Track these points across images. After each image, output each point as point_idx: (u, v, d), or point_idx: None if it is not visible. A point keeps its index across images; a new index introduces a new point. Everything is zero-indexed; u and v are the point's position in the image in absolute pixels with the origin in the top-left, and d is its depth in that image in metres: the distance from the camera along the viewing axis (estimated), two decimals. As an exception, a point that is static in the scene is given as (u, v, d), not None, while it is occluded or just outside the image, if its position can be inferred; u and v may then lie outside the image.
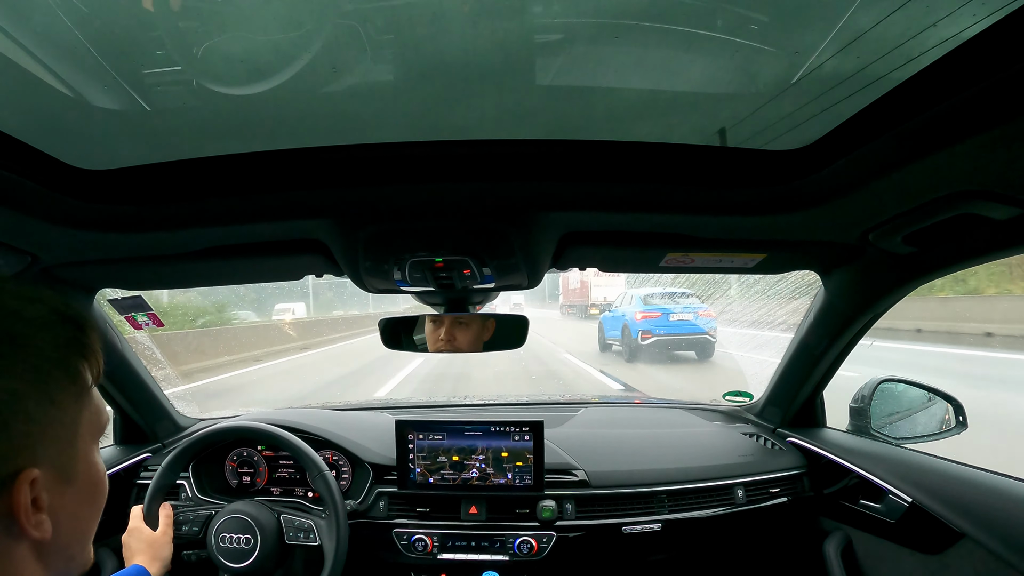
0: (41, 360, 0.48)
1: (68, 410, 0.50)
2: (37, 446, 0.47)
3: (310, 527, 1.35)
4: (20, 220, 0.85)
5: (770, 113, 0.78)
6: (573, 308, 26.15)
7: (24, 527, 0.46)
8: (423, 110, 0.79)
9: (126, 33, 0.64)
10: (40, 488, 0.47)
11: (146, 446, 1.63)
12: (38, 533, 0.47)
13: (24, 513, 0.46)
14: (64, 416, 0.50)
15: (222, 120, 0.81)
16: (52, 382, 0.49)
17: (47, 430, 0.48)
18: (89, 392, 0.53)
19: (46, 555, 0.50)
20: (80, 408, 0.52)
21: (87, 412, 0.53)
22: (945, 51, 0.58)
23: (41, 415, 0.48)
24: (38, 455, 0.47)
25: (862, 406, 1.53)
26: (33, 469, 0.46)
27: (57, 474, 0.49)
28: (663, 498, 1.46)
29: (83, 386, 0.52)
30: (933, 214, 0.83)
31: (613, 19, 0.65)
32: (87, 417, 0.53)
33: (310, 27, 0.63)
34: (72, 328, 0.51)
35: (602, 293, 19.93)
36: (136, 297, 1.36)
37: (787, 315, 7.08)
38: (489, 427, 1.47)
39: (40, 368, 0.48)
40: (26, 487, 0.46)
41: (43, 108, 0.73)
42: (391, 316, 1.38)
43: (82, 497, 0.53)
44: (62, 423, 0.50)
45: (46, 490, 0.48)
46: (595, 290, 20.79)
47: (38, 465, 0.47)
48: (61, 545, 0.51)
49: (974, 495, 1.16)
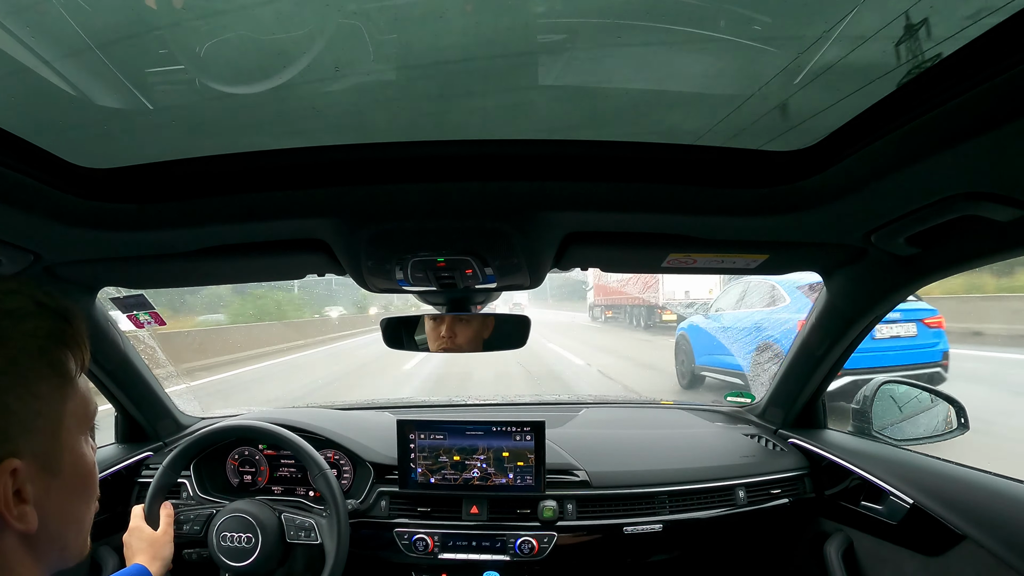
0: (20, 352, 0.48)
1: (51, 401, 0.50)
2: (18, 438, 0.47)
3: (311, 526, 1.35)
4: (23, 218, 0.85)
5: (773, 113, 0.78)
6: (617, 312, 18.25)
7: (7, 518, 0.46)
8: (426, 109, 0.79)
9: (129, 32, 0.64)
10: (23, 480, 0.47)
11: (147, 445, 1.63)
12: (21, 525, 0.47)
13: (5, 504, 0.46)
14: (47, 408, 0.50)
15: (225, 119, 0.81)
16: (32, 374, 0.49)
17: (28, 422, 0.48)
18: (73, 383, 0.53)
19: (36, 547, 0.50)
20: (64, 399, 0.52)
21: (72, 403, 0.52)
22: (948, 52, 0.58)
23: (20, 407, 0.48)
24: (19, 447, 0.47)
25: (864, 407, 1.53)
26: (13, 460, 0.46)
27: (41, 466, 0.49)
28: (664, 499, 1.46)
29: (67, 377, 0.52)
30: (936, 215, 0.83)
31: (615, 19, 0.65)
32: (72, 408, 0.52)
33: (313, 26, 0.63)
34: (55, 319, 0.51)
35: (682, 286, 12.85)
36: (138, 295, 1.36)
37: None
38: (490, 427, 1.47)
39: (19, 360, 0.48)
40: (6, 478, 0.46)
41: (46, 107, 0.73)
42: (392, 316, 1.38)
43: (70, 489, 0.53)
44: (44, 415, 0.50)
45: (30, 482, 0.48)
46: (670, 282, 12.96)
47: (20, 457, 0.47)
48: (51, 536, 0.51)
49: (976, 497, 1.16)
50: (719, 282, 9.92)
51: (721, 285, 9.02)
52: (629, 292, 15.45)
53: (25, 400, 0.48)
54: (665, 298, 13.05)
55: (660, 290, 13.10)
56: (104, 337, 1.39)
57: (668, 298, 12.96)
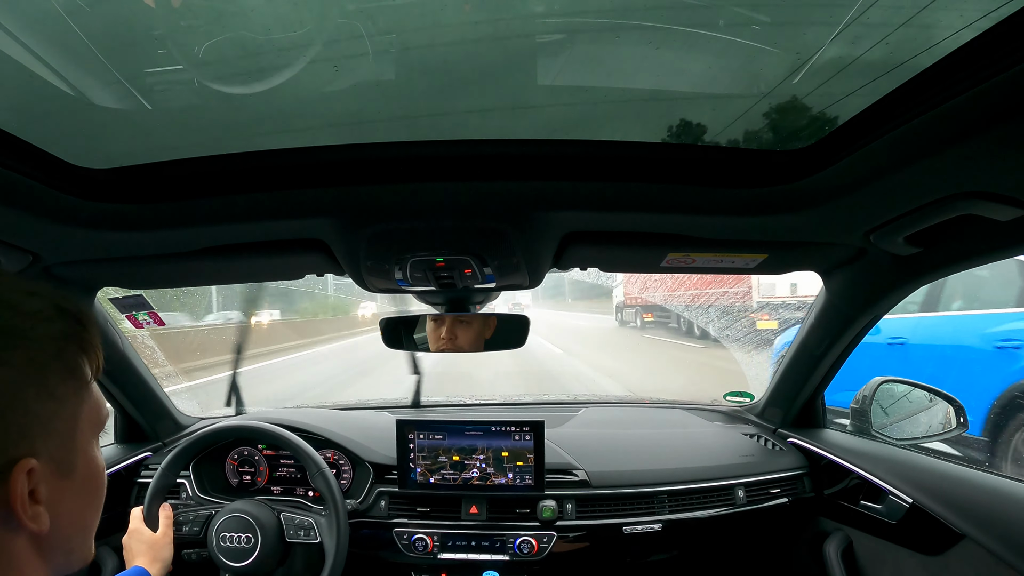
0: (40, 353, 0.48)
1: (67, 403, 0.51)
2: (36, 438, 0.48)
3: (311, 525, 1.35)
4: (22, 218, 0.85)
5: (771, 113, 0.78)
6: (662, 315, 13.14)
7: (21, 518, 0.47)
8: (425, 109, 0.79)
9: (128, 32, 0.64)
10: (38, 480, 0.48)
11: (147, 445, 1.63)
12: (35, 525, 0.47)
13: (21, 504, 0.46)
14: (63, 410, 0.50)
15: (224, 119, 0.81)
16: (51, 375, 0.49)
17: (46, 423, 0.49)
18: (88, 387, 0.53)
19: (45, 549, 0.50)
20: (80, 402, 0.52)
21: (86, 406, 0.53)
22: (947, 51, 0.58)
23: (40, 408, 0.48)
24: (36, 447, 0.48)
25: (863, 407, 1.53)
26: (30, 459, 0.47)
27: (56, 467, 0.50)
28: (663, 498, 1.46)
29: (82, 380, 0.52)
30: (935, 215, 0.83)
31: (614, 19, 0.65)
32: (86, 412, 0.53)
33: (312, 26, 0.63)
34: (71, 322, 0.51)
35: (787, 279, 7.78)
36: (137, 296, 1.36)
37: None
38: (490, 427, 1.47)
39: (39, 361, 0.48)
40: (23, 477, 0.46)
41: (45, 107, 0.73)
42: (391, 316, 1.38)
43: (81, 491, 0.53)
44: (61, 416, 0.50)
45: (44, 483, 0.48)
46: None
47: (37, 457, 0.47)
48: (61, 538, 0.51)
49: (975, 496, 1.16)
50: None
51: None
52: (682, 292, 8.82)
53: (44, 401, 0.48)
54: (762, 294, 8.25)
55: (754, 284, 8.20)
56: (103, 337, 1.39)
57: (767, 294, 8.19)
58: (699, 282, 7.99)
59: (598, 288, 21.92)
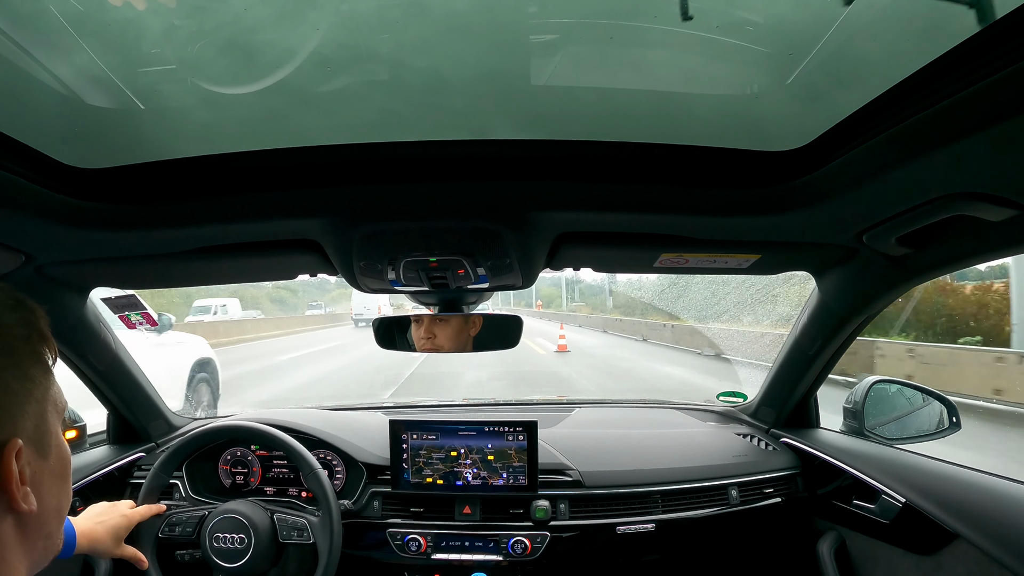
0: (10, 336, 0.50)
1: (39, 385, 0.53)
2: (17, 418, 0.50)
3: (304, 525, 1.35)
4: (14, 218, 0.85)
5: (765, 113, 0.79)
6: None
7: (15, 497, 0.48)
8: (417, 109, 0.79)
9: (121, 31, 0.64)
10: (24, 461, 0.49)
11: (139, 446, 1.62)
12: (27, 505, 0.49)
13: (15, 483, 0.48)
14: (37, 391, 0.52)
15: (217, 118, 0.80)
16: (24, 358, 0.51)
17: (25, 404, 0.51)
18: (51, 371, 0.56)
19: (27, 533, 0.52)
20: (48, 385, 0.54)
21: (53, 390, 0.55)
22: (940, 52, 0.58)
23: (19, 388, 0.50)
24: (19, 427, 0.50)
25: (856, 407, 1.54)
26: (17, 439, 0.48)
27: (35, 448, 0.52)
28: (657, 498, 1.47)
29: (46, 364, 0.55)
30: (927, 215, 0.84)
31: (608, 20, 0.65)
32: (52, 395, 0.55)
33: (304, 26, 0.63)
34: (28, 311, 0.53)
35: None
36: (130, 296, 1.35)
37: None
38: (483, 427, 1.47)
39: (12, 345, 0.50)
40: (14, 456, 0.48)
41: (37, 106, 0.73)
42: (384, 316, 1.38)
43: (55, 472, 0.55)
44: (35, 397, 0.52)
45: (28, 463, 0.50)
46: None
47: (20, 437, 0.49)
48: (41, 521, 0.53)
49: (968, 496, 1.16)
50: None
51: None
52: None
53: (22, 382, 0.51)
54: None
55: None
56: (95, 337, 1.38)
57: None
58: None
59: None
